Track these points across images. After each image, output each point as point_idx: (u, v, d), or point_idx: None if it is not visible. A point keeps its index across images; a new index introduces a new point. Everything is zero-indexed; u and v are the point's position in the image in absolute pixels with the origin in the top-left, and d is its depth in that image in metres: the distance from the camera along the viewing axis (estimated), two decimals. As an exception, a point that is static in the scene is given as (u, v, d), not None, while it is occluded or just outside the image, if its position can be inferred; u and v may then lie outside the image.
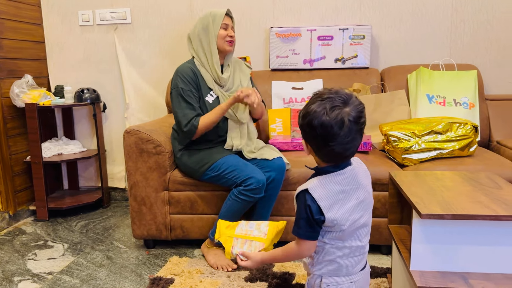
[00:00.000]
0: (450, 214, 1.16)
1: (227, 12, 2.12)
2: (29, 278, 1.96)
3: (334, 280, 1.14)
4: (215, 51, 2.07)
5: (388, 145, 2.13)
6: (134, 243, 2.32)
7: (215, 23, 2.07)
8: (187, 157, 2.06)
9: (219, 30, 2.07)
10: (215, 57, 2.08)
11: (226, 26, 2.09)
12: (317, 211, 1.05)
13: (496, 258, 1.21)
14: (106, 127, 3.04)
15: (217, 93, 2.08)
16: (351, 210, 1.08)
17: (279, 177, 1.96)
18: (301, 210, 1.07)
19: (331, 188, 1.07)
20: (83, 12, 2.93)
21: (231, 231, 1.33)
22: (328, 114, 1.00)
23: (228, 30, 2.10)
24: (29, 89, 2.70)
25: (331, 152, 1.05)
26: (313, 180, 1.09)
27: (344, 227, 1.08)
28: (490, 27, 2.64)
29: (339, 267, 1.13)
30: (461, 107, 2.43)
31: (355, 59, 2.66)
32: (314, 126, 1.02)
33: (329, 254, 1.12)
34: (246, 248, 1.27)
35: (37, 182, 2.69)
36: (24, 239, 2.44)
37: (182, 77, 2.04)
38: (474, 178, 1.52)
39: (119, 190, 3.10)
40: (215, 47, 2.07)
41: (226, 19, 2.10)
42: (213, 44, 2.07)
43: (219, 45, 2.08)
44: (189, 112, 1.99)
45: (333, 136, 1.02)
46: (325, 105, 1.01)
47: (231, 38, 2.10)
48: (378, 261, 2.00)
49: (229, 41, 2.10)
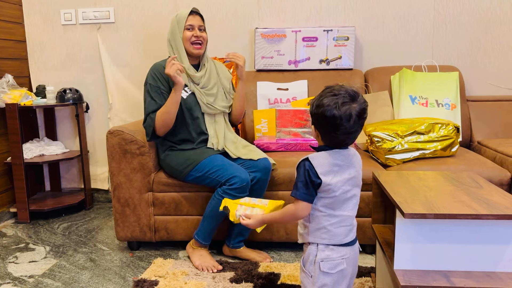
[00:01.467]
0: (433, 213, 1.18)
1: (194, 10, 2.09)
2: (9, 281, 1.92)
3: (327, 255, 1.24)
4: (184, 55, 2.07)
5: (372, 146, 2.15)
6: (118, 245, 2.29)
7: (179, 25, 2.06)
8: (171, 158, 2.05)
9: (183, 33, 2.06)
10: (185, 61, 2.07)
11: (190, 26, 2.06)
12: (314, 175, 1.20)
13: (478, 257, 1.23)
14: (89, 127, 3.00)
15: (192, 88, 2.08)
16: (343, 182, 1.22)
17: (264, 177, 1.96)
18: (301, 174, 1.22)
19: (328, 160, 1.22)
20: (65, 11, 2.88)
21: (236, 200, 1.46)
22: (339, 108, 1.17)
23: (194, 31, 2.06)
24: (9, 89, 2.65)
25: (335, 138, 1.22)
26: (314, 153, 1.25)
27: (336, 193, 1.21)
28: (471, 29, 2.69)
29: (331, 235, 1.24)
30: (443, 108, 2.46)
31: (339, 60, 2.68)
32: (327, 117, 1.18)
33: (322, 222, 1.24)
34: (249, 212, 1.39)
35: (18, 183, 2.65)
36: (5, 241, 2.39)
37: (153, 74, 2.06)
38: (456, 178, 1.55)
39: (102, 192, 3.06)
40: (183, 51, 2.07)
41: (190, 19, 2.06)
42: (181, 48, 2.07)
43: (186, 48, 2.07)
44: (149, 106, 2.02)
45: (340, 126, 1.18)
46: (337, 100, 1.18)
47: (196, 39, 2.06)
48: (362, 261, 2.02)
49: (195, 43, 2.06)
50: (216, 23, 2.82)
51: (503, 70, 2.71)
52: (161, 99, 2.03)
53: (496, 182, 1.94)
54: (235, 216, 1.40)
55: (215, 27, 2.81)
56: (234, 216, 1.40)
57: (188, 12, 2.07)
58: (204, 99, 2.08)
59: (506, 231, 1.20)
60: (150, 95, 2.03)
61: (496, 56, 2.70)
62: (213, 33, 2.82)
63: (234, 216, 1.40)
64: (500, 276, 1.20)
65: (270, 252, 2.13)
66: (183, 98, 2.05)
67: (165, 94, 2.04)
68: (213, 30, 2.82)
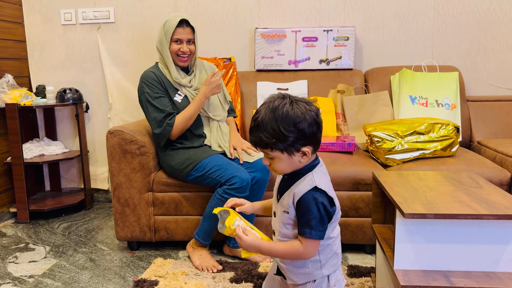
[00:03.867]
0: (433, 213, 1.18)
1: (184, 20, 2.02)
2: (9, 281, 1.92)
3: (337, 279, 1.17)
4: (172, 64, 2.06)
5: (372, 146, 2.15)
6: (118, 245, 2.29)
7: (166, 36, 2.03)
8: (171, 158, 2.05)
9: (170, 44, 2.03)
10: (172, 69, 2.06)
11: (179, 40, 2.02)
12: (329, 204, 1.08)
13: (477, 257, 1.23)
14: (89, 127, 3.00)
15: (184, 92, 2.09)
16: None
17: (264, 177, 1.96)
18: (313, 210, 1.07)
19: (326, 178, 1.13)
20: (65, 11, 2.88)
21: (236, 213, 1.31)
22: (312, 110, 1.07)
23: (181, 45, 2.03)
24: (9, 89, 2.65)
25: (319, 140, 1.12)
26: (310, 177, 1.10)
27: (340, 212, 1.14)
28: (471, 29, 2.69)
29: (338, 258, 1.18)
30: (443, 108, 2.46)
31: (339, 60, 2.68)
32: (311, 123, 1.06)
33: (332, 248, 1.15)
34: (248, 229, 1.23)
35: (18, 183, 2.64)
36: (5, 241, 2.39)
37: (147, 82, 2.04)
38: (456, 178, 1.55)
39: (102, 192, 3.06)
40: (171, 60, 2.06)
41: (179, 32, 2.01)
42: (168, 57, 2.05)
43: (174, 59, 2.06)
44: (157, 115, 1.99)
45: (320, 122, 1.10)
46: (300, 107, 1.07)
47: (182, 54, 2.04)
48: (362, 261, 2.02)
49: (180, 56, 2.05)
50: (216, 23, 2.82)
51: (503, 70, 2.71)
52: (163, 103, 2.01)
53: (496, 182, 1.94)
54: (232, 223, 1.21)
55: (215, 27, 2.81)
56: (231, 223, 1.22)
57: (176, 23, 2.01)
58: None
59: (506, 231, 1.20)
60: (152, 103, 2.00)
61: (496, 56, 2.70)
62: (213, 33, 2.82)
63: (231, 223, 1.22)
64: (500, 276, 1.20)
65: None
66: (178, 102, 2.06)
67: (164, 98, 2.04)
68: (213, 30, 2.82)
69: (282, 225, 1.15)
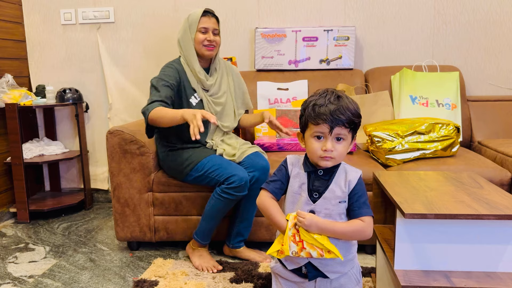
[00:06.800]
0: (433, 213, 1.17)
1: (208, 11, 2.01)
2: (9, 281, 1.92)
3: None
4: (195, 57, 2.02)
5: (372, 146, 2.15)
6: (118, 245, 2.29)
7: (191, 27, 2.00)
8: (171, 158, 2.05)
9: (195, 35, 1.99)
10: (196, 63, 2.02)
11: (204, 29, 1.99)
12: None
13: (478, 257, 1.22)
14: (89, 127, 3.00)
15: (201, 95, 2.04)
16: None
17: (263, 177, 1.95)
18: (365, 191, 1.23)
19: None
20: (65, 11, 2.88)
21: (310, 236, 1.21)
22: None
23: (207, 34, 2.00)
24: (9, 89, 2.65)
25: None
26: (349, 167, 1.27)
27: None
28: (471, 28, 2.69)
29: None
30: (443, 108, 2.46)
31: (339, 60, 2.68)
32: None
33: None
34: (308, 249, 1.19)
35: (18, 183, 2.64)
36: (4, 241, 2.39)
37: (164, 71, 1.98)
38: (456, 178, 1.55)
39: (102, 192, 3.06)
40: (194, 53, 2.01)
41: (204, 21, 1.99)
42: (191, 49, 2.00)
43: (198, 50, 2.01)
44: (152, 96, 1.89)
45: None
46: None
47: (209, 43, 2.00)
48: (363, 261, 2.01)
49: (207, 46, 2.00)
50: (216, 23, 2.81)
51: (503, 70, 2.70)
52: (166, 91, 1.91)
53: (497, 182, 1.94)
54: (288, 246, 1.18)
55: (215, 27, 2.81)
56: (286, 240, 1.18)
57: (201, 13, 1.99)
58: (212, 109, 2.05)
59: (506, 231, 1.20)
60: (155, 86, 1.91)
61: (496, 56, 2.69)
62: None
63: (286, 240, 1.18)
64: (501, 276, 1.20)
65: (270, 252, 2.13)
66: (193, 105, 2.02)
67: (171, 89, 1.93)
68: (213, 30, 2.81)
69: (338, 217, 1.22)
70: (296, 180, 1.26)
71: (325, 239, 1.17)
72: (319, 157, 1.19)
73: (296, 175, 1.26)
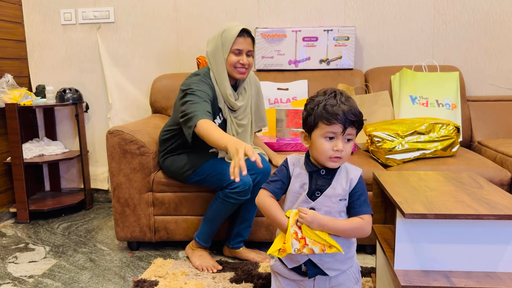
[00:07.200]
0: (433, 213, 1.17)
1: (245, 30, 1.84)
2: (9, 281, 1.92)
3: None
4: (226, 79, 1.87)
5: (372, 146, 2.15)
6: (118, 245, 2.29)
7: (224, 46, 1.84)
8: (170, 162, 2.02)
9: (228, 55, 1.84)
10: (228, 86, 1.87)
11: (238, 51, 1.83)
12: None
13: (478, 257, 1.22)
14: (89, 127, 3.00)
15: (226, 116, 1.93)
16: None
17: (264, 179, 1.95)
18: (366, 189, 1.25)
19: None
20: (65, 11, 2.88)
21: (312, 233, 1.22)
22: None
23: (241, 56, 1.84)
24: (9, 89, 2.65)
25: None
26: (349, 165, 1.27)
27: None
28: (471, 28, 2.69)
29: None
30: (443, 108, 2.46)
31: (339, 60, 2.68)
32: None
33: None
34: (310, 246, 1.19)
35: (18, 183, 2.64)
36: (4, 241, 2.39)
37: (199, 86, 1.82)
38: (456, 178, 1.54)
39: (102, 192, 3.06)
40: (225, 75, 1.86)
41: (239, 42, 1.83)
42: (223, 71, 1.85)
43: (229, 72, 1.87)
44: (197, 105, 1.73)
45: None
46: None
47: (241, 66, 1.85)
48: (363, 261, 2.01)
49: (239, 69, 1.86)
50: (216, 23, 2.81)
51: (503, 70, 2.70)
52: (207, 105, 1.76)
53: (497, 182, 1.94)
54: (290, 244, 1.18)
55: (215, 27, 2.81)
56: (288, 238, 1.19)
57: (238, 32, 1.82)
58: (234, 130, 1.96)
59: (506, 231, 1.20)
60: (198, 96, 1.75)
61: (496, 56, 2.69)
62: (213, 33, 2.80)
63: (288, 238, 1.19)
64: (501, 276, 1.20)
65: (270, 252, 2.13)
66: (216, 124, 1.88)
67: (209, 102, 1.80)
68: (213, 30, 2.80)
69: (337, 214, 1.22)
70: (297, 180, 1.26)
71: (327, 235, 1.19)
72: (329, 157, 1.19)
73: (298, 175, 1.26)
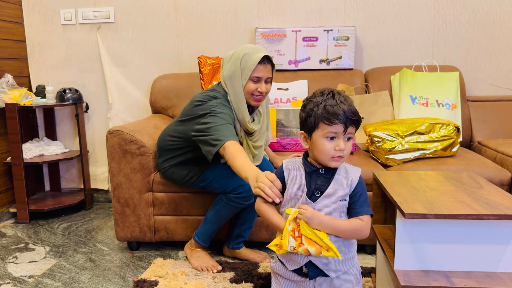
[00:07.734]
0: (433, 213, 1.17)
1: (267, 57, 1.76)
2: (9, 282, 1.92)
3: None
4: (244, 106, 1.80)
5: (372, 146, 2.15)
6: (118, 245, 2.29)
7: (244, 73, 1.76)
8: (171, 172, 1.98)
9: (246, 82, 1.77)
10: (246, 113, 1.81)
11: (257, 79, 1.77)
12: None
13: (478, 257, 1.22)
14: (89, 127, 3.00)
15: (242, 140, 1.89)
16: None
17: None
18: (365, 190, 1.24)
19: None
20: (65, 11, 2.88)
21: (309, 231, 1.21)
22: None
23: (259, 84, 1.78)
24: (9, 89, 2.65)
25: None
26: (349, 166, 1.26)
27: None
28: (471, 28, 2.69)
29: None
30: (443, 108, 2.46)
31: (339, 60, 2.68)
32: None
33: None
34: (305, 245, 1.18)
35: (18, 183, 2.64)
36: (4, 242, 2.39)
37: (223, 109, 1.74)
38: (456, 178, 1.54)
39: (102, 192, 3.06)
40: (243, 101, 1.80)
41: (259, 70, 1.75)
42: (241, 97, 1.79)
43: (246, 98, 1.81)
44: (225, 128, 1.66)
45: None
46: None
47: (259, 94, 1.79)
48: (363, 261, 2.01)
49: (256, 96, 1.80)
50: (216, 23, 2.81)
51: (503, 70, 2.70)
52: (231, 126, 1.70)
53: (497, 182, 1.94)
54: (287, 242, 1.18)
55: (215, 27, 2.81)
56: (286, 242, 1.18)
57: (259, 59, 1.73)
58: (251, 153, 1.91)
59: (506, 231, 1.20)
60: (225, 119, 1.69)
61: (496, 56, 2.69)
62: (213, 33, 2.82)
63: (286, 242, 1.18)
64: (501, 276, 1.20)
65: (270, 252, 2.13)
66: None
67: (233, 125, 1.74)
68: (214, 30, 2.81)
69: (337, 214, 1.22)
70: (294, 182, 1.25)
71: (325, 236, 1.17)
72: (331, 157, 1.19)
73: (294, 178, 1.25)
